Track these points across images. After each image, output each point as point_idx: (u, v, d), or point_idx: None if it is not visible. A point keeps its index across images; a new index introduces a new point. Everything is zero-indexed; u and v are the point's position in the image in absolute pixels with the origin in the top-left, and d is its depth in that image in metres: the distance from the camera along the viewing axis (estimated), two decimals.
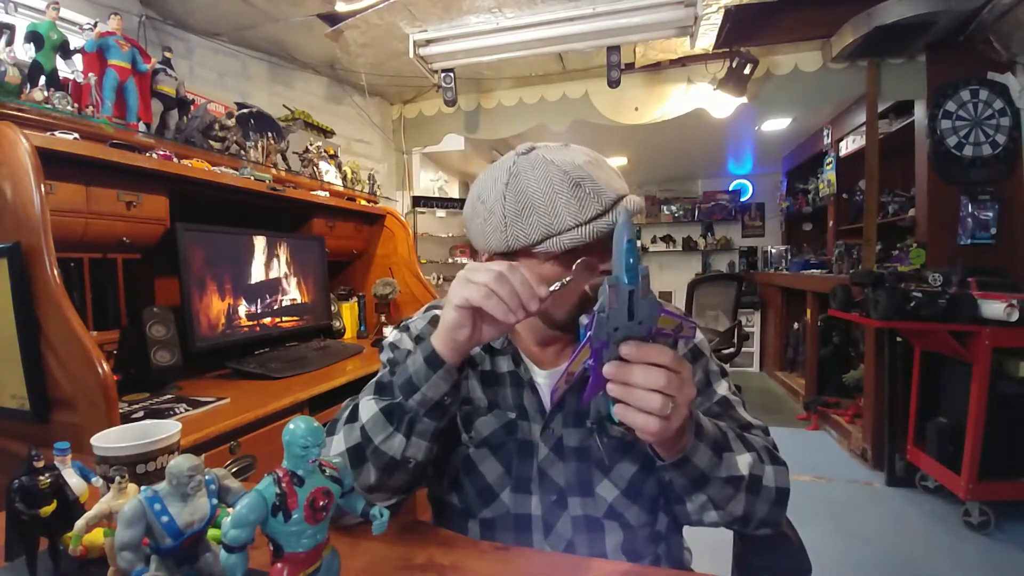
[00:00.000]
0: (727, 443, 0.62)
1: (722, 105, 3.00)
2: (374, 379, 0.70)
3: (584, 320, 0.50)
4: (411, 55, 2.62)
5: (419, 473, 0.64)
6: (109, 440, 0.58)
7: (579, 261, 0.61)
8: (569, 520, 0.69)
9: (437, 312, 0.78)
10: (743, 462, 0.62)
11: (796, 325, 4.54)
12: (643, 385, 0.49)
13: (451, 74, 2.80)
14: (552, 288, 0.57)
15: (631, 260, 0.47)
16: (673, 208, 6.32)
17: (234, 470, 1.14)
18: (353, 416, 0.64)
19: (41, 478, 0.50)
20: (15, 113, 1.20)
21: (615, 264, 0.48)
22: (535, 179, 0.64)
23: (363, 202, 2.50)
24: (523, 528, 0.69)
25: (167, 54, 1.72)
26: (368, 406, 0.62)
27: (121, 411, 1.04)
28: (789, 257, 4.79)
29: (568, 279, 0.59)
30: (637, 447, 0.69)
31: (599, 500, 0.69)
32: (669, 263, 6.37)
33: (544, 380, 0.73)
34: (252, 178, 1.71)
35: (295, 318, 1.92)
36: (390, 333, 0.81)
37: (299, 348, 1.84)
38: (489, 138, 3.57)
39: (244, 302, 1.68)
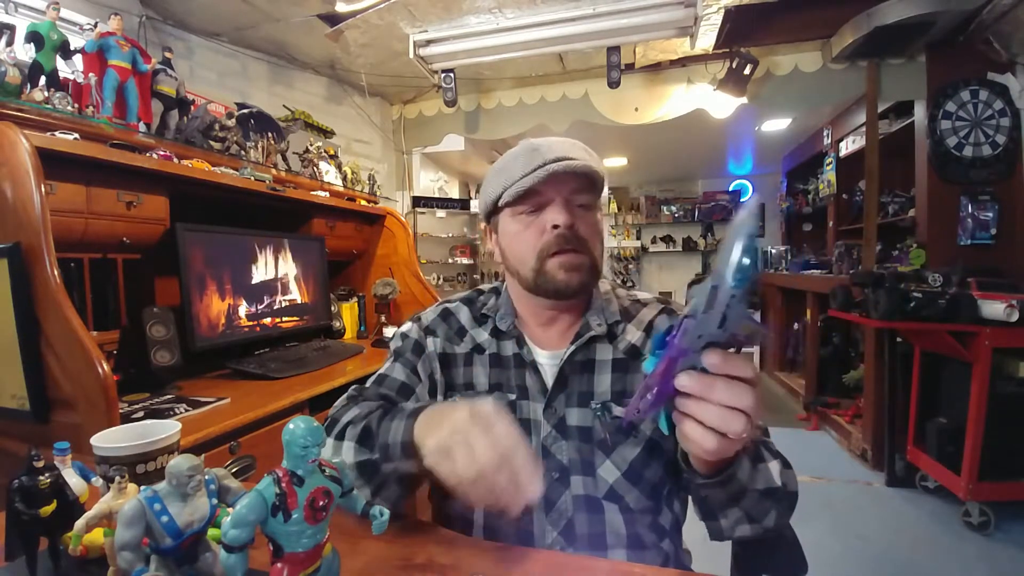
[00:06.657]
0: (759, 452, 0.59)
1: (722, 105, 3.00)
2: (372, 379, 0.70)
3: (661, 326, 0.44)
4: (411, 55, 2.62)
5: (409, 486, 0.64)
6: (109, 440, 0.58)
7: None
8: (570, 498, 0.70)
9: (448, 306, 0.84)
10: (774, 470, 0.59)
11: (796, 325, 4.53)
12: (726, 402, 0.42)
13: (451, 74, 2.80)
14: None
15: (745, 260, 0.37)
16: (673, 208, 6.32)
17: (234, 470, 1.14)
18: (340, 436, 0.66)
19: (41, 478, 0.50)
20: (15, 113, 1.20)
21: (722, 261, 0.38)
22: (509, 153, 0.75)
23: (363, 202, 2.50)
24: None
25: (167, 54, 1.72)
26: (348, 451, 0.64)
27: (121, 411, 1.04)
28: (789, 257, 4.78)
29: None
30: (640, 431, 0.70)
31: (600, 481, 0.70)
32: (669, 263, 6.37)
33: (546, 360, 0.76)
34: (252, 178, 1.71)
35: (295, 318, 1.92)
36: (392, 333, 0.82)
37: (299, 348, 1.84)
38: (489, 138, 3.57)
39: (244, 302, 1.68)
